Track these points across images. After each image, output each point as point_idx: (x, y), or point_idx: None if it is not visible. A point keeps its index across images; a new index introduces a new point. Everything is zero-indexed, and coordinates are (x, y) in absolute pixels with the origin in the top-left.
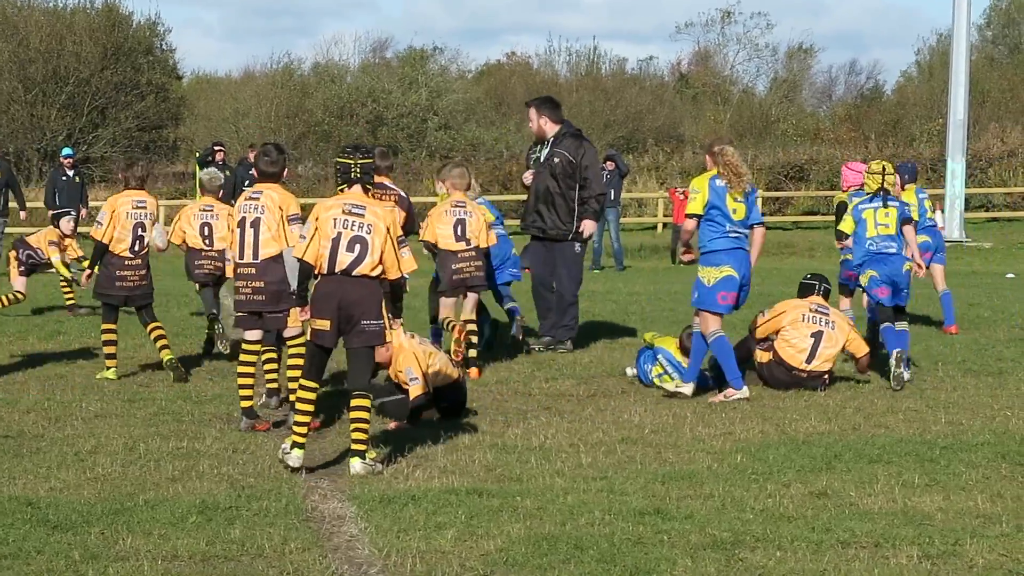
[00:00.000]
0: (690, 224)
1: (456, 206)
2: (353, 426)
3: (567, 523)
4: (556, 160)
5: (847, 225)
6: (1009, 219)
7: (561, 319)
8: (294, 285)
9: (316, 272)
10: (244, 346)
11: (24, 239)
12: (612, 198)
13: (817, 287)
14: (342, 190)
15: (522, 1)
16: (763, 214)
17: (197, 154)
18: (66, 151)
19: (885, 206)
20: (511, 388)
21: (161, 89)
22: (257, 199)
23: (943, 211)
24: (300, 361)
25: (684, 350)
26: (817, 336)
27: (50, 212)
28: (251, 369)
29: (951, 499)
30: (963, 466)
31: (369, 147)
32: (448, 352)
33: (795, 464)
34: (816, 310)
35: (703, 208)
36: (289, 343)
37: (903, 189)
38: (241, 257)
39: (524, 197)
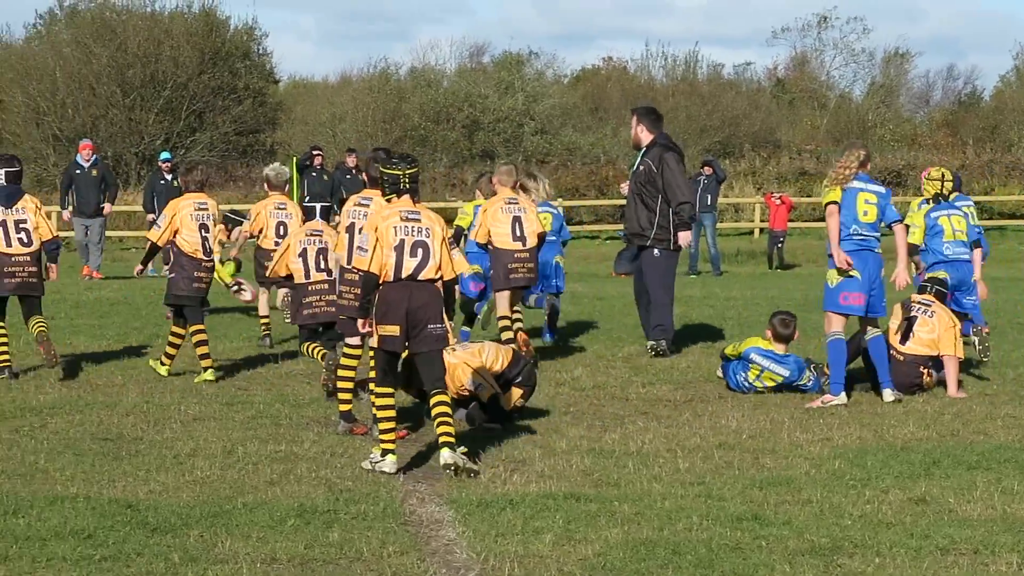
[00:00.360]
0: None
1: (510, 203)
2: (437, 420)
3: (665, 528)
4: (642, 168)
5: (916, 237)
6: None
7: (653, 321)
8: None
9: (381, 281)
10: (345, 350)
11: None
12: (709, 203)
13: (929, 288)
14: (390, 199)
15: (617, 5)
16: None
17: (295, 157)
18: (164, 155)
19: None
20: (608, 393)
21: (258, 93)
22: (367, 205)
23: None
24: (352, 363)
25: (777, 337)
26: (911, 320)
27: (148, 216)
28: (351, 373)
29: None
30: None
31: (414, 157)
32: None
33: (893, 470)
34: (920, 302)
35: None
36: (347, 349)
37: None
38: (349, 262)
39: (621, 203)
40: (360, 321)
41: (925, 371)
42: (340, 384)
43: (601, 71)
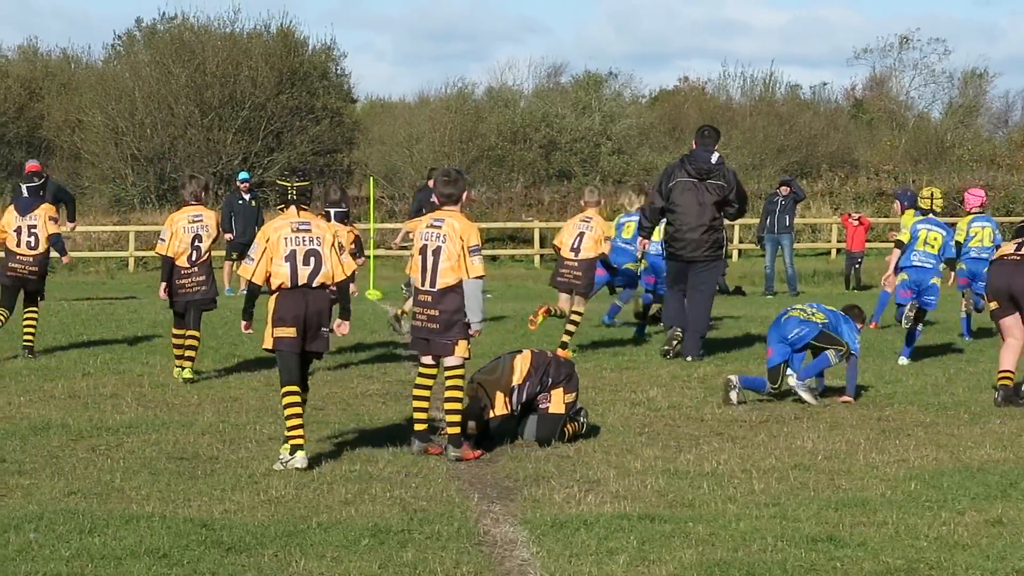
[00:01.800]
0: None
1: (583, 220)
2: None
3: (739, 549)
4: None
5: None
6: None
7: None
8: (476, 316)
9: (274, 288)
10: (420, 370)
11: None
12: (787, 224)
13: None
14: (281, 210)
15: (694, 25)
16: None
17: (373, 177)
18: (243, 175)
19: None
20: (683, 413)
21: (336, 113)
22: (439, 227)
23: None
24: (458, 393)
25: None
26: None
27: (225, 235)
28: (427, 392)
29: None
30: None
31: (306, 170)
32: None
33: (970, 492)
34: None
35: None
36: (448, 372)
37: (901, 214)
38: (422, 284)
39: None
40: (243, 323)
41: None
42: (416, 404)
43: (679, 91)
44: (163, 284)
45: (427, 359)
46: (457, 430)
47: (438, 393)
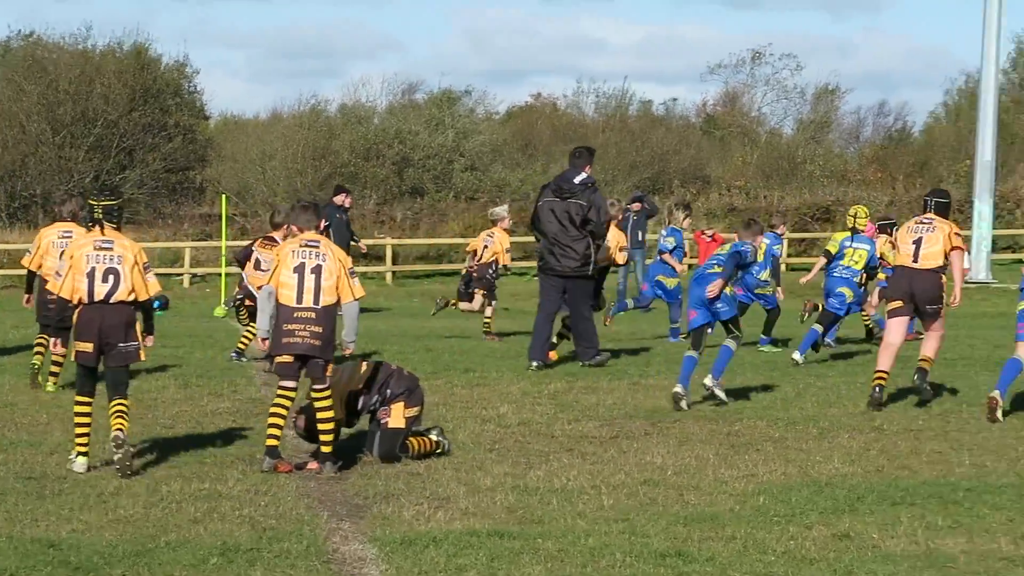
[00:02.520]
0: None
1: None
2: (112, 415)
3: (588, 565)
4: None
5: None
6: None
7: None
8: (352, 337)
9: (74, 303)
10: (282, 392)
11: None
12: (640, 239)
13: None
14: (90, 229)
15: (549, 43)
16: (788, 255)
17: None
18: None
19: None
20: (533, 430)
21: (189, 131)
22: (316, 247)
23: (969, 252)
24: (331, 413)
25: None
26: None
27: None
28: (284, 412)
29: (974, 541)
30: (987, 508)
31: (114, 189)
32: None
33: (818, 506)
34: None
35: None
36: (320, 394)
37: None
38: (299, 301)
39: None
40: (52, 341)
41: None
42: (272, 420)
43: (532, 108)
44: (27, 295)
45: (290, 383)
46: (330, 449)
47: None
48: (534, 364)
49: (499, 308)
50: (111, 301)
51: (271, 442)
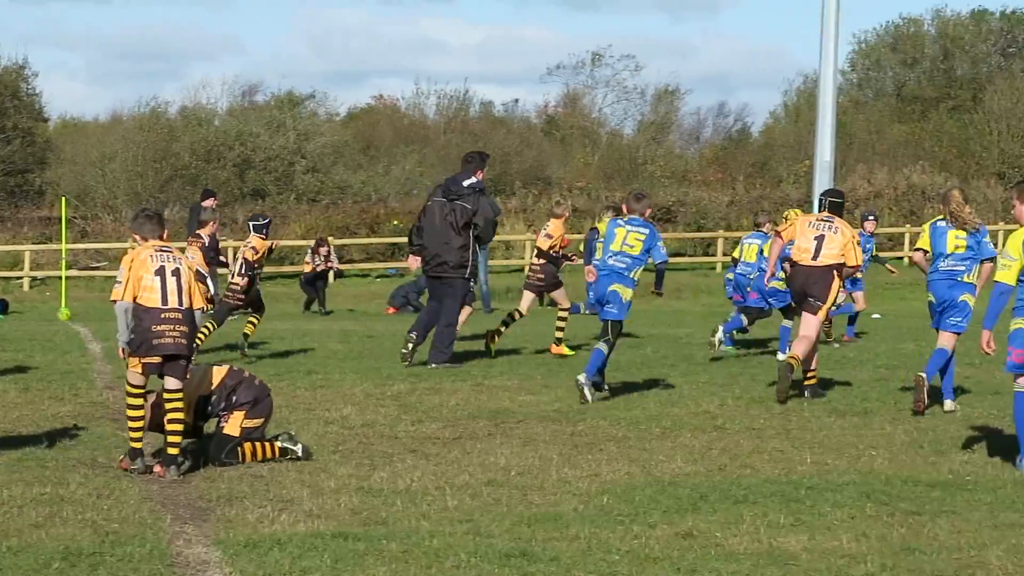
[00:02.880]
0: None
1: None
2: None
3: (432, 566)
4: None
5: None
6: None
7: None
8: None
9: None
10: (133, 391)
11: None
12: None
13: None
14: None
15: (390, 44)
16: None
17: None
18: None
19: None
20: (377, 431)
21: (27, 133)
22: (169, 251)
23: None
24: (181, 415)
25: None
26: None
27: None
28: (142, 412)
29: (816, 539)
30: (828, 506)
31: None
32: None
33: (661, 505)
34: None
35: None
36: (173, 395)
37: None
38: (166, 303)
39: (391, 240)
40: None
41: None
42: (132, 424)
43: (373, 109)
44: None
45: (139, 381)
46: (177, 451)
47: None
48: (432, 365)
49: (346, 310)
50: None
51: (135, 444)
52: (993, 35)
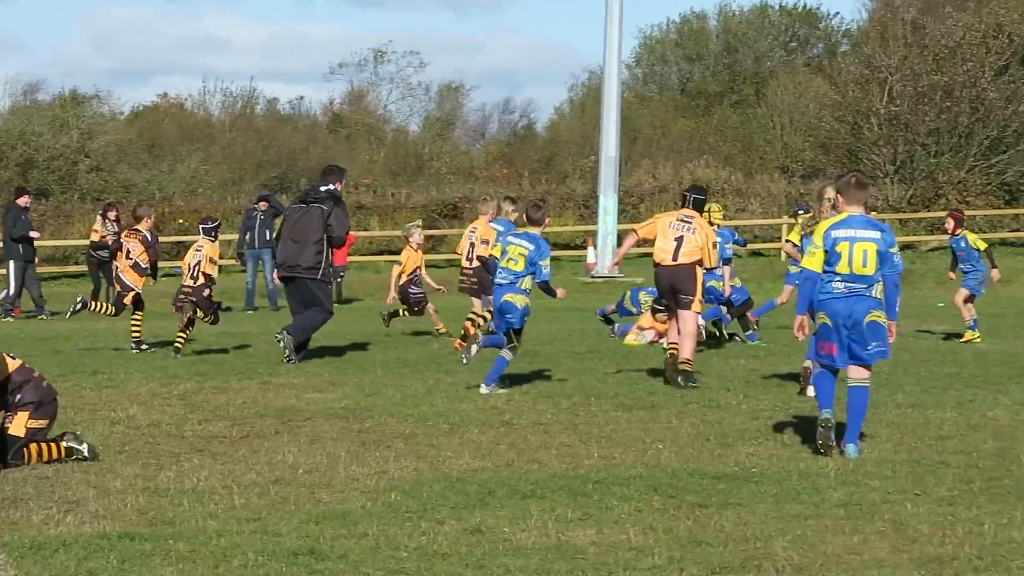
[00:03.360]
0: None
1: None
2: None
3: (220, 566)
4: None
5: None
6: None
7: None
8: None
9: None
10: None
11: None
12: (267, 238)
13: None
14: None
15: (174, 42)
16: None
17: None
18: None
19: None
20: (163, 431)
21: None
22: None
23: (595, 247)
24: None
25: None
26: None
27: None
28: None
29: (604, 532)
30: (616, 500)
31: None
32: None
33: (449, 501)
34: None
35: None
36: None
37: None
38: None
39: (176, 239)
40: None
41: None
42: None
43: (158, 107)
44: None
45: None
46: None
47: None
48: (284, 332)
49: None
50: None
51: None
52: (775, 30)
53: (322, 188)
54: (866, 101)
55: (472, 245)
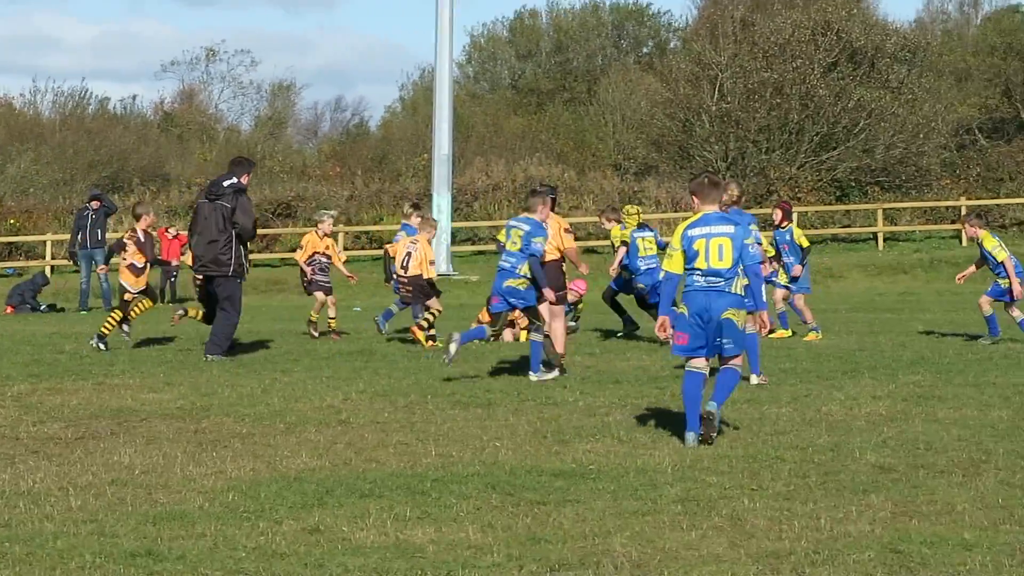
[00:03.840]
0: None
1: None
2: None
3: (57, 568)
4: None
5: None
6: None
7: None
8: None
9: None
10: None
11: None
12: (99, 238)
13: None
14: None
15: (3, 41)
16: (252, 251)
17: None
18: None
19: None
20: None
21: None
22: None
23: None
24: None
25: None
26: None
27: None
28: None
29: (443, 531)
30: (454, 498)
31: None
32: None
33: (287, 501)
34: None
35: None
36: None
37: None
38: None
39: (7, 239)
40: None
41: None
42: None
43: None
44: None
45: None
46: None
47: None
48: (209, 358)
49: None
50: None
51: None
52: (605, 28)
53: (225, 183)
54: (697, 98)
55: (408, 255)
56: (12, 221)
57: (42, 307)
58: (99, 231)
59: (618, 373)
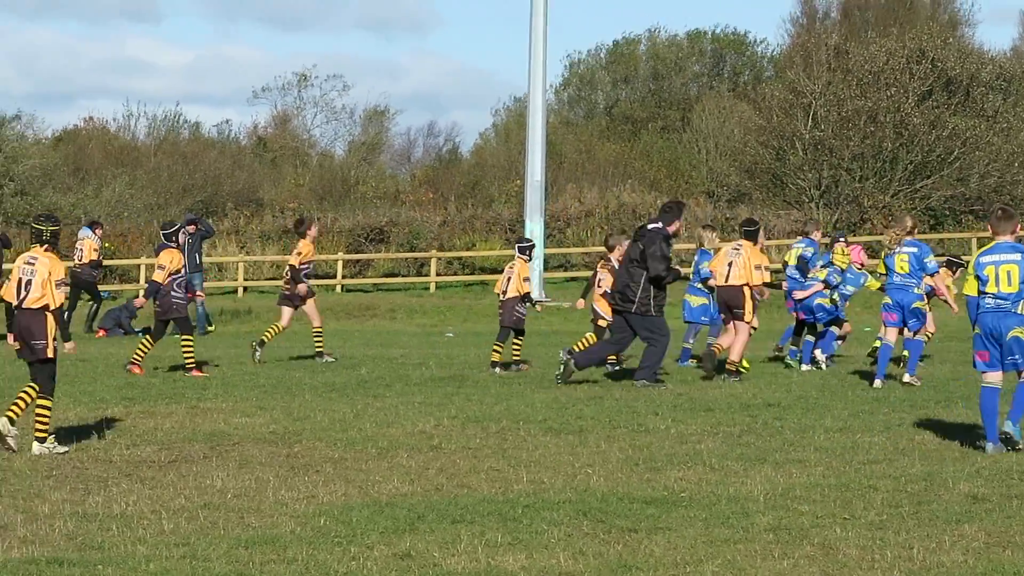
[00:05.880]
0: None
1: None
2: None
3: None
4: None
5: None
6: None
7: None
8: None
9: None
10: None
11: None
12: (197, 262)
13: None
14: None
15: (97, 65)
16: (344, 276)
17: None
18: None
19: None
20: (91, 455)
21: None
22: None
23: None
24: None
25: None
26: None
27: None
28: None
29: (534, 557)
30: (545, 524)
31: (56, 217)
32: None
33: (379, 526)
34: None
35: None
36: None
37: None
38: None
39: (106, 262)
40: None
41: None
42: None
43: (82, 131)
44: None
45: None
46: None
47: None
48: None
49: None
50: (24, 306)
51: None
52: (704, 56)
53: (650, 226)
54: (790, 126)
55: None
56: (107, 245)
57: (137, 331)
58: (196, 255)
59: (710, 401)
